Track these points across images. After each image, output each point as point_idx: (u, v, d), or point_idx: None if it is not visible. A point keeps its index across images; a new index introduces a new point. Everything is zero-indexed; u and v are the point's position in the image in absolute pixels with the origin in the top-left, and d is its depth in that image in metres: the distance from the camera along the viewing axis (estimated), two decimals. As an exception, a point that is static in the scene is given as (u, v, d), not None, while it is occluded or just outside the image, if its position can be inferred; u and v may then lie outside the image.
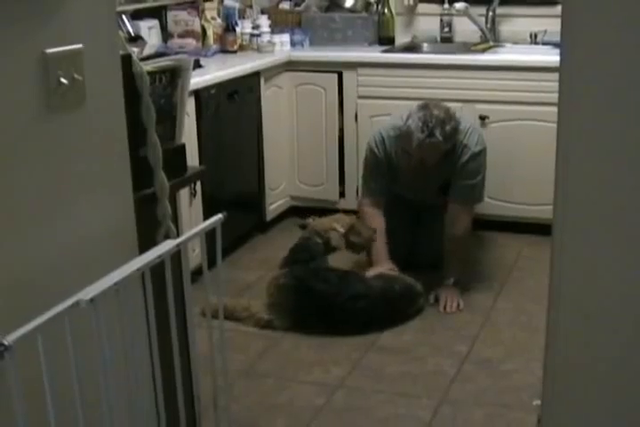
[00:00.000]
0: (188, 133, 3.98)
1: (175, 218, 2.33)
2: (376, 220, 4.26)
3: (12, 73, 1.74)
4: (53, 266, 1.89)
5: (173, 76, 2.30)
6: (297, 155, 5.20)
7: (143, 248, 2.05)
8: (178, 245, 2.04)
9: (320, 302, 3.82)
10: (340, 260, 4.21)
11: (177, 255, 2.08)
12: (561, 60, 1.69)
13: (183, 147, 2.43)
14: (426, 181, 4.30)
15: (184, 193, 3.98)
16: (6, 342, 1.55)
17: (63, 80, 1.83)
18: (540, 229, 4.42)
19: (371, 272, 4.11)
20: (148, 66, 2.18)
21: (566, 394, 1.88)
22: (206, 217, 2.18)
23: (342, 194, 5.14)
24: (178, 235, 2.26)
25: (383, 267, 4.16)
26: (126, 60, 2.09)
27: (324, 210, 4.78)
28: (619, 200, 1.72)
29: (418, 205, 4.50)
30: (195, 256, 2.96)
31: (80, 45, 1.88)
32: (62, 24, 1.84)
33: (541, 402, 1.95)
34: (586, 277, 1.79)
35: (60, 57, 1.83)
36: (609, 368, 1.83)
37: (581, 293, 1.80)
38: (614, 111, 1.67)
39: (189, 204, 4.14)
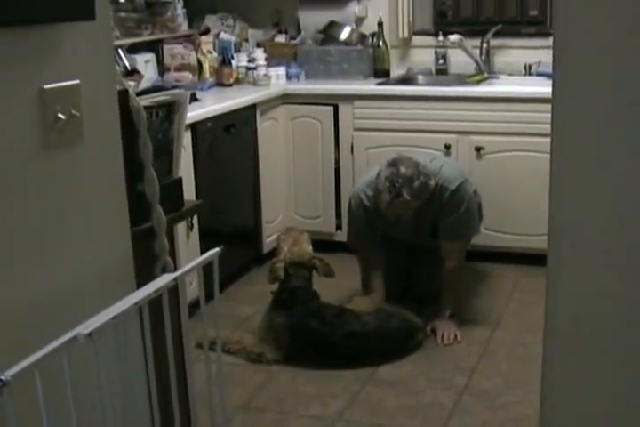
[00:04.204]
0: (185, 167, 3.99)
1: (172, 252, 2.33)
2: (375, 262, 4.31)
3: (10, 109, 1.75)
4: (51, 300, 1.89)
5: (170, 110, 2.30)
6: (293, 187, 5.22)
7: (141, 282, 2.05)
8: (175, 279, 2.04)
9: (314, 340, 3.82)
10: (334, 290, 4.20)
11: (174, 289, 2.08)
12: (553, 90, 1.70)
13: (180, 181, 2.43)
14: (415, 228, 4.28)
15: (181, 227, 3.98)
16: (4, 378, 1.54)
17: (61, 116, 1.84)
18: (536, 259, 4.40)
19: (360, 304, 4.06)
20: (145, 101, 2.19)
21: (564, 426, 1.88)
22: (203, 250, 2.18)
23: (339, 226, 5.13)
24: (175, 268, 2.26)
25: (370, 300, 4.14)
26: (123, 95, 2.10)
27: (321, 242, 4.79)
28: (613, 229, 1.73)
29: (413, 244, 4.49)
30: (192, 289, 2.95)
31: (77, 81, 1.89)
32: (60, 60, 1.85)
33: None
34: (581, 308, 1.79)
35: (57, 93, 1.83)
36: (607, 400, 1.83)
37: (577, 322, 1.80)
38: (607, 141, 1.68)
39: (186, 237, 4.14)
